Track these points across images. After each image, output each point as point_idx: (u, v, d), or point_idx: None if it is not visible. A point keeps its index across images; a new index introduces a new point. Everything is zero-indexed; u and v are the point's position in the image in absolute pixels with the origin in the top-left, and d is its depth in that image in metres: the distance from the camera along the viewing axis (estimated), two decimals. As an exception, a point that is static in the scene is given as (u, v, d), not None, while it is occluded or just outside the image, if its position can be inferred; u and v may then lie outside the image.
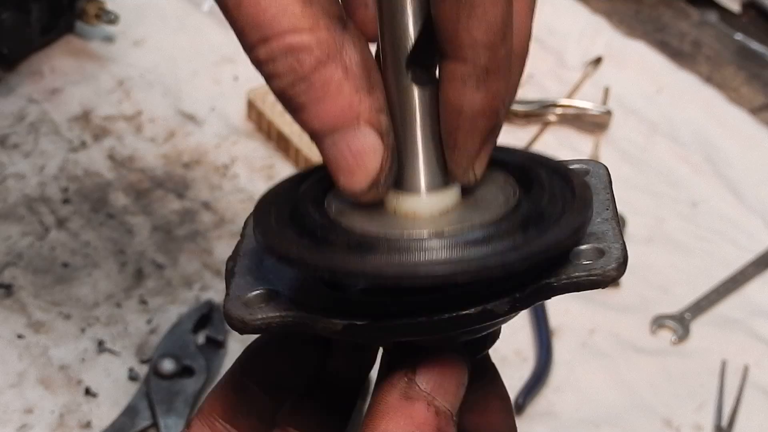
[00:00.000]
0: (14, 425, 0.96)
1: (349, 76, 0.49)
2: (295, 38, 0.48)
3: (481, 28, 0.48)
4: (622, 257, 0.52)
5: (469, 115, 0.50)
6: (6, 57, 1.24)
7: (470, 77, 0.49)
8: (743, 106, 1.36)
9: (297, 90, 0.49)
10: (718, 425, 1.04)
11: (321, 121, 0.49)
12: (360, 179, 0.50)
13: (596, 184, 0.59)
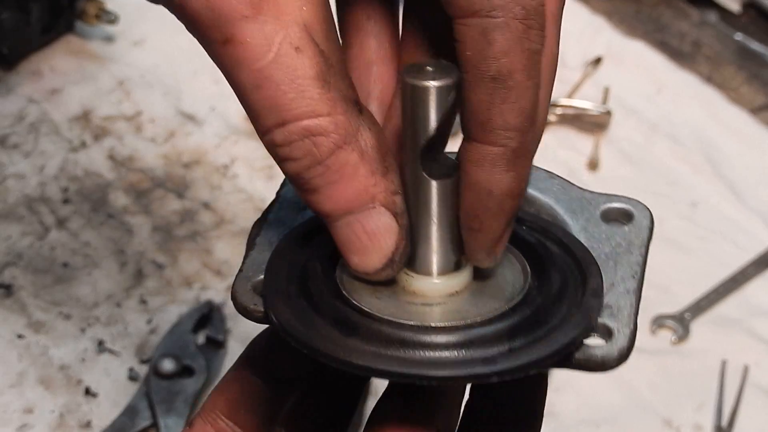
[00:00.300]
0: (14, 425, 0.96)
1: (364, 159, 0.49)
2: (313, 122, 0.48)
3: (514, 113, 0.50)
4: (626, 347, 0.52)
5: (497, 197, 0.51)
6: (6, 57, 1.24)
7: (501, 160, 0.50)
8: (743, 106, 1.36)
9: (312, 173, 0.49)
10: (718, 425, 1.04)
11: (335, 203, 0.50)
12: (374, 259, 0.51)
13: (633, 240, 0.58)
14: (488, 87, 0.49)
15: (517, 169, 0.51)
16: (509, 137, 0.50)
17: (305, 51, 0.48)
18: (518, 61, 0.49)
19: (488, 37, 0.49)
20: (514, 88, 0.49)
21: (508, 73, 0.49)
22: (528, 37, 0.49)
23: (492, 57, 0.49)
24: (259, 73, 0.48)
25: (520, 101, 0.50)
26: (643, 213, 0.59)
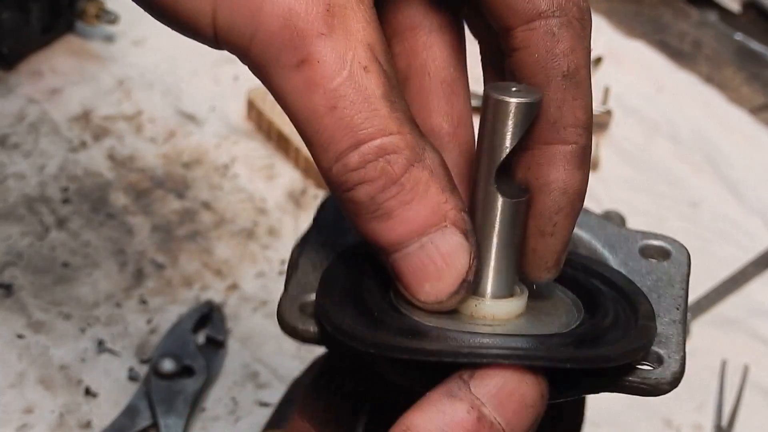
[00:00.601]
0: (14, 425, 0.96)
1: (434, 176, 0.49)
2: (386, 140, 0.48)
3: (582, 109, 0.51)
4: (679, 371, 0.52)
5: (571, 195, 0.52)
6: (6, 57, 1.24)
7: (573, 157, 0.52)
8: (743, 106, 1.36)
9: (388, 194, 0.49)
10: (718, 425, 1.04)
11: (409, 224, 0.49)
12: (448, 282, 0.50)
13: (673, 275, 0.58)
14: (559, 85, 0.51)
15: (585, 167, 0.52)
16: (579, 134, 0.51)
17: (372, 70, 0.48)
18: (582, 57, 0.51)
19: (556, 36, 0.50)
20: (581, 84, 0.51)
21: (576, 69, 0.51)
22: (585, 35, 0.51)
23: (562, 54, 0.50)
24: (334, 93, 0.48)
25: (586, 98, 0.51)
26: (680, 251, 0.60)
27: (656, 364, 0.52)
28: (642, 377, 0.51)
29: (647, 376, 0.51)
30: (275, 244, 1.13)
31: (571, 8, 0.51)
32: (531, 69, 0.51)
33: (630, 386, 0.52)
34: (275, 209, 1.16)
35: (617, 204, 1.21)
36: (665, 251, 0.60)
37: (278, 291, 1.14)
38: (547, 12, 0.50)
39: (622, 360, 0.50)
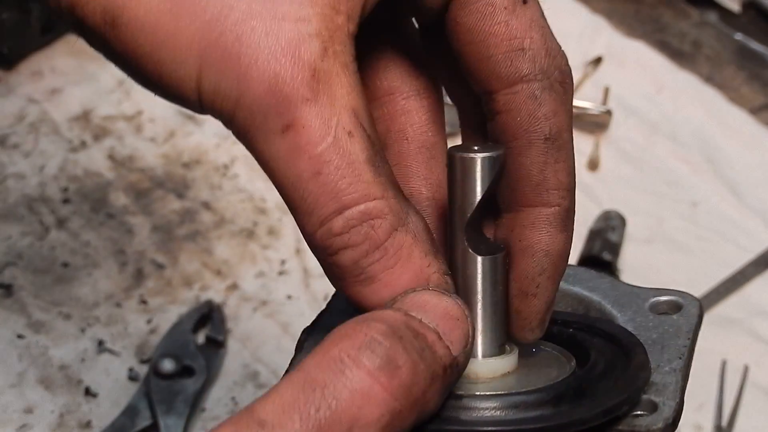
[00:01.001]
0: (14, 425, 0.96)
1: (417, 240, 0.50)
2: (370, 205, 0.48)
3: (565, 171, 0.52)
4: (671, 418, 0.52)
5: (553, 257, 0.52)
6: (6, 57, 1.24)
7: (556, 220, 0.52)
8: (743, 106, 1.36)
9: (371, 258, 0.49)
10: (718, 425, 1.04)
11: (392, 288, 0.50)
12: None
13: (681, 325, 0.58)
14: (541, 148, 0.51)
15: (568, 229, 0.53)
16: (563, 197, 0.52)
17: (356, 135, 0.48)
18: (564, 120, 0.52)
19: (538, 100, 0.51)
20: (563, 147, 0.52)
21: (558, 133, 0.51)
22: (567, 98, 0.52)
23: (544, 118, 0.51)
24: (319, 158, 0.48)
25: (569, 160, 0.52)
26: (692, 303, 0.59)
27: (649, 412, 0.52)
28: (632, 425, 0.51)
29: (638, 424, 0.51)
30: (275, 244, 1.13)
31: (553, 72, 0.51)
32: (513, 132, 0.52)
33: None
34: (275, 209, 1.16)
35: (617, 204, 1.21)
36: (676, 305, 0.59)
37: (278, 291, 1.15)
38: (530, 76, 0.51)
39: (598, 419, 0.50)
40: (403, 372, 0.46)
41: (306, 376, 0.45)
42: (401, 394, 0.46)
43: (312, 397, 0.44)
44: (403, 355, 0.46)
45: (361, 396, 0.45)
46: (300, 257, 1.12)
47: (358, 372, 0.45)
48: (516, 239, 0.53)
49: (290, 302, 1.08)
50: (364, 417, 0.45)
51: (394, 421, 0.46)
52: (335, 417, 0.44)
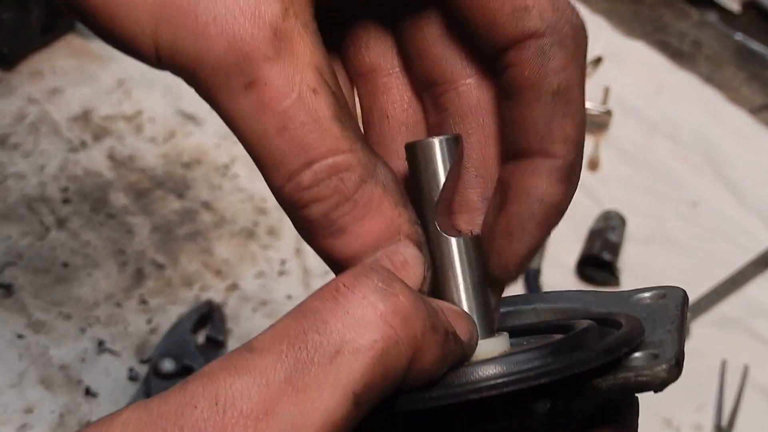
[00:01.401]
0: (14, 425, 0.96)
1: (387, 191, 0.50)
2: (339, 158, 0.48)
3: (573, 125, 0.51)
4: (674, 359, 0.51)
5: (546, 206, 0.52)
6: (6, 57, 1.24)
7: (558, 171, 0.51)
8: (743, 106, 1.36)
9: (341, 211, 0.49)
10: (718, 425, 1.04)
11: (363, 240, 0.50)
12: None
13: (668, 304, 0.58)
14: (549, 102, 0.51)
15: (570, 183, 0.52)
16: (568, 150, 0.51)
17: (321, 92, 0.48)
18: (574, 75, 0.51)
19: (547, 54, 0.50)
20: (572, 102, 0.51)
21: (567, 87, 0.51)
22: (579, 53, 0.51)
23: (553, 72, 0.51)
24: (284, 114, 0.48)
25: (577, 114, 0.51)
26: (675, 290, 0.59)
27: (651, 360, 0.52)
28: (636, 371, 0.51)
29: (642, 368, 0.51)
30: (275, 244, 1.13)
31: (563, 26, 0.51)
32: (521, 85, 0.51)
33: (625, 384, 0.51)
34: (275, 209, 1.16)
35: (617, 204, 1.21)
36: (660, 295, 0.60)
37: (278, 291, 1.15)
38: (537, 32, 0.50)
39: (599, 359, 0.49)
40: (401, 300, 0.45)
41: (301, 307, 0.45)
42: (398, 322, 0.45)
43: (302, 321, 0.44)
44: (402, 286, 0.46)
45: (353, 319, 0.44)
46: (300, 257, 1.12)
47: (352, 297, 0.45)
48: (515, 182, 0.52)
49: (290, 302, 1.08)
50: (355, 340, 0.44)
51: (389, 350, 0.44)
52: (323, 339, 0.44)
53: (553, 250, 1.18)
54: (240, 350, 0.44)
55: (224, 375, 0.43)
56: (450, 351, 0.48)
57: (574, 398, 0.50)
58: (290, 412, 0.42)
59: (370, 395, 0.44)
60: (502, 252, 0.53)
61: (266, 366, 0.43)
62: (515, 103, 0.52)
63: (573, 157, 0.51)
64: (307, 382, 0.43)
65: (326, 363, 0.43)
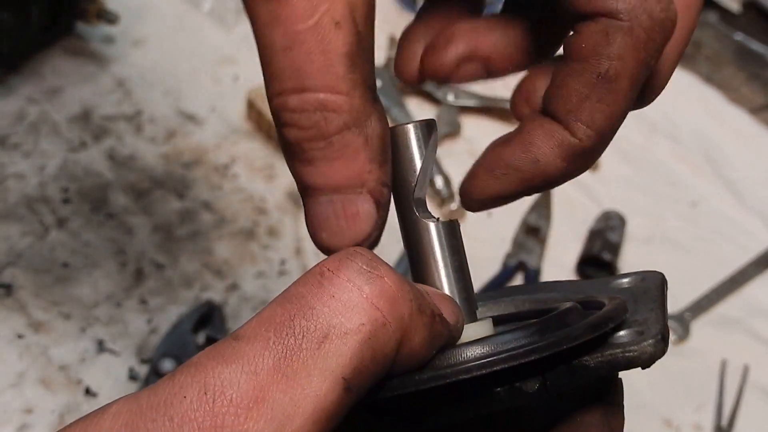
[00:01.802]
0: (14, 425, 0.96)
1: (367, 145, 0.49)
2: (330, 97, 0.48)
3: (604, 114, 0.51)
4: (660, 334, 0.51)
5: (537, 170, 0.52)
6: (6, 57, 1.24)
7: (568, 149, 0.51)
8: (743, 106, 1.36)
9: (313, 146, 0.49)
10: (718, 425, 1.04)
11: (326, 179, 0.50)
12: (345, 242, 0.50)
13: (649, 287, 0.58)
14: (590, 81, 0.50)
15: (574, 167, 0.52)
16: (589, 136, 0.51)
17: (343, 27, 0.48)
18: (629, 68, 0.50)
19: (609, 37, 0.50)
20: (614, 92, 0.50)
21: (615, 76, 0.50)
22: (646, 47, 0.50)
23: (606, 55, 0.50)
24: (294, 36, 0.47)
25: (614, 106, 0.51)
26: (654, 275, 0.59)
27: (637, 337, 0.52)
28: (623, 347, 0.51)
29: (629, 345, 0.51)
30: (275, 244, 1.13)
31: (640, 15, 0.50)
32: (575, 55, 0.51)
33: (613, 360, 0.51)
34: (275, 209, 1.16)
35: (617, 204, 1.21)
36: (639, 279, 0.60)
37: (278, 291, 1.14)
38: (612, 12, 0.50)
39: (587, 334, 0.49)
40: (386, 282, 0.45)
41: (286, 293, 0.45)
42: (384, 304, 0.45)
43: (288, 308, 0.44)
44: (387, 268, 0.46)
45: (340, 303, 0.44)
46: (300, 257, 1.12)
47: (337, 280, 0.44)
48: (527, 130, 0.52)
49: (290, 302, 1.08)
50: (342, 324, 0.43)
51: (377, 332, 0.44)
52: (310, 324, 0.43)
53: (553, 250, 1.18)
54: (227, 339, 0.44)
55: (212, 364, 0.42)
56: (437, 333, 0.48)
57: (563, 377, 0.50)
58: (280, 399, 0.42)
59: (361, 379, 0.44)
60: (475, 180, 0.53)
61: (254, 354, 0.42)
62: (564, 68, 0.51)
63: (591, 144, 0.51)
64: (295, 368, 0.42)
65: (314, 348, 0.43)
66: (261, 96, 1.23)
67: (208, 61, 1.32)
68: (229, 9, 1.36)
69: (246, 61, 1.31)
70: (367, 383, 0.44)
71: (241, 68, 1.31)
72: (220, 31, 1.34)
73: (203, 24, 1.35)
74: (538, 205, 1.20)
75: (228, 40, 1.34)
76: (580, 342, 0.49)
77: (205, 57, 1.32)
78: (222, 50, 1.32)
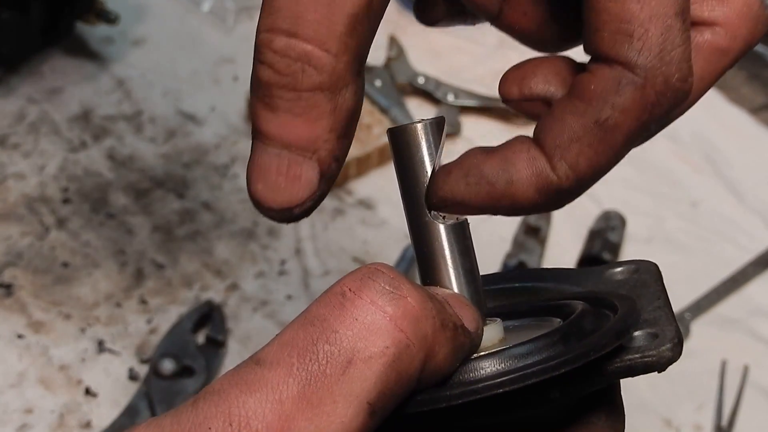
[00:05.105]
0: (14, 425, 0.96)
1: (334, 114, 0.48)
2: (317, 52, 0.47)
3: (588, 158, 0.49)
4: (676, 338, 0.51)
5: (501, 194, 0.50)
6: (6, 57, 1.24)
7: (539, 179, 0.49)
8: (743, 106, 1.36)
9: (282, 94, 0.48)
10: (718, 425, 1.04)
11: (282, 131, 0.48)
12: (276, 199, 0.49)
13: (646, 279, 0.57)
14: (586, 124, 0.49)
15: (544, 200, 0.50)
16: (568, 176, 0.49)
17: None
18: (628, 123, 0.49)
19: (619, 87, 0.48)
20: (606, 142, 0.49)
21: (612, 127, 0.49)
22: (652, 109, 0.49)
23: (611, 104, 0.48)
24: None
25: (602, 156, 0.49)
26: (648, 265, 0.58)
27: (652, 340, 0.52)
28: (641, 352, 0.51)
29: (646, 349, 0.51)
30: (275, 244, 1.13)
31: (657, 77, 0.49)
32: (580, 90, 0.49)
33: (632, 365, 0.51)
34: (275, 209, 1.16)
35: (617, 204, 1.21)
36: (633, 270, 0.59)
37: (278, 291, 1.15)
38: (630, 63, 0.48)
39: (612, 343, 0.49)
40: (409, 302, 0.44)
41: (307, 315, 0.44)
42: (408, 325, 0.44)
43: (310, 331, 0.43)
44: (410, 286, 0.45)
45: (363, 326, 0.43)
46: (300, 257, 1.12)
47: (360, 302, 0.43)
48: (508, 150, 0.50)
49: (290, 302, 1.08)
50: (366, 348, 0.43)
51: (401, 355, 0.43)
52: (334, 349, 0.42)
53: (553, 250, 1.18)
54: (248, 364, 0.43)
55: (236, 392, 0.42)
56: (460, 344, 0.47)
57: (583, 383, 0.50)
58: (305, 428, 0.41)
59: (385, 402, 0.43)
60: (446, 178, 0.51)
61: (278, 381, 0.42)
62: (566, 102, 0.50)
63: (567, 185, 0.49)
64: (320, 395, 0.42)
65: (339, 374, 0.42)
66: (261, 96, 1.23)
67: (208, 61, 1.32)
68: (229, 9, 1.36)
69: (246, 61, 1.31)
70: (392, 405, 0.44)
71: (241, 68, 1.31)
72: (220, 31, 1.34)
73: (203, 24, 1.35)
74: (538, 205, 1.20)
75: (228, 40, 1.34)
76: (607, 351, 0.48)
77: (205, 57, 1.32)
78: (222, 50, 1.32)
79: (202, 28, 1.35)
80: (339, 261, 1.12)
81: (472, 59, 1.35)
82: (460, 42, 1.37)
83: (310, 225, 1.15)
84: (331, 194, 1.17)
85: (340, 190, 1.19)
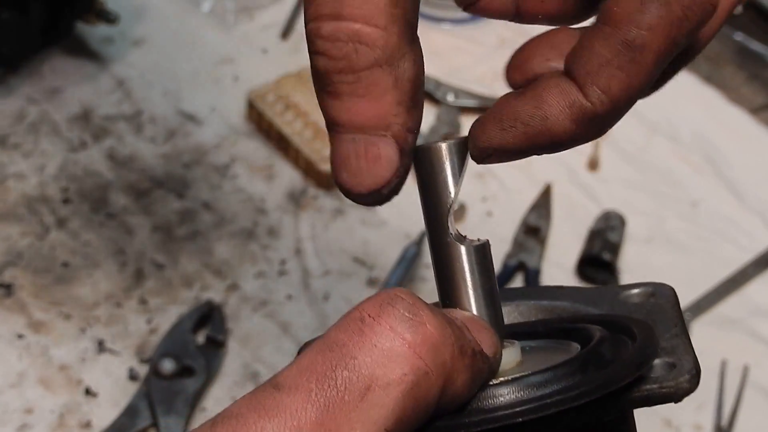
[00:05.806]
0: (14, 425, 0.96)
1: (397, 86, 0.48)
2: (366, 29, 0.46)
3: (622, 83, 0.48)
4: (694, 369, 0.51)
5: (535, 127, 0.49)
6: (6, 57, 1.24)
7: (578, 110, 0.48)
8: (743, 106, 1.36)
9: (342, 78, 0.48)
10: (718, 425, 1.04)
11: (351, 116, 0.48)
12: (363, 184, 0.49)
13: (663, 304, 0.57)
14: (615, 47, 0.48)
15: (582, 130, 0.49)
16: (602, 101, 0.48)
17: None
18: (657, 41, 0.48)
19: (644, 5, 0.48)
20: (636, 63, 0.48)
21: (641, 46, 0.48)
22: (679, 25, 0.48)
23: (636, 23, 0.48)
24: None
25: (633, 78, 0.48)
26: (663, 287, 0.58)
27: (668, 371, 0.52)
28: (659, 383, 0.51)
29: (664, 380, 0.51)
30: (275, 244, 1.13)
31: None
32: (605, 16, 0.49)
33: (650, 395, 0.51)
34: (275, 209, 1.16)
35: (617, 204, 1.21)
36: (649, 293, 0.58)
37: (278, 291, 1.15)
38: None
39: (632, 374, 0.49)
40: (428, 329, 0.44)
41: (326, 340, 0.44)
42: (426, 353, 0.43)
43: (329, 356, 0.43)
44: (429, 313, 0.44)
45: (382, 353, 0.43)
46: (300, 257, 1.12)
47: (379, 328, 0.43)
48: (538, 88, 0.49)
49: (290, 302, 1.08)
50: (385, 375, 0.42)
51: (419, 382, 0.43)
52: (352, 375, 0.42)
53: (553, 250, 1.18)
54: (266, 388, 0.42)
55: (254, 417, 0.41)
56: (478, 371, 0.47)
57: (599, 410, 0.49)
58: None
59: (403, 429, 0.43)
60: (482, 128, 0.50)
61: (296, 406, 0.41)
62: (593, 30, 0.49)
63: (602, 110, 0.48)
64: (338, 422, 0.42)
65: (357, 401, 0.42)
66: (261, 96, 1.23)
67: (207, 61, 1.32)
68: (229, 9, 1.36)
69: (246, 62, 1.31)
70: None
71: (241, 68, 1.31)
72: (219, 31, 1.34)
73: (203, 24, 1.35)
74: (538, 205, 1.20)
75: (228, 40, 1.34)
76: (627, 382, 0.48)
77: (204, 57, 1.32)
78: (222, 50, 1.32)
79: (202, 28, 1.35)
80: (339, 261, 1.12)
81: (472, 59, 1.35)
82: (460, 42, 1.37)
83: (310, 225, 1.15)
84: (331, 194, 1.17)
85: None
